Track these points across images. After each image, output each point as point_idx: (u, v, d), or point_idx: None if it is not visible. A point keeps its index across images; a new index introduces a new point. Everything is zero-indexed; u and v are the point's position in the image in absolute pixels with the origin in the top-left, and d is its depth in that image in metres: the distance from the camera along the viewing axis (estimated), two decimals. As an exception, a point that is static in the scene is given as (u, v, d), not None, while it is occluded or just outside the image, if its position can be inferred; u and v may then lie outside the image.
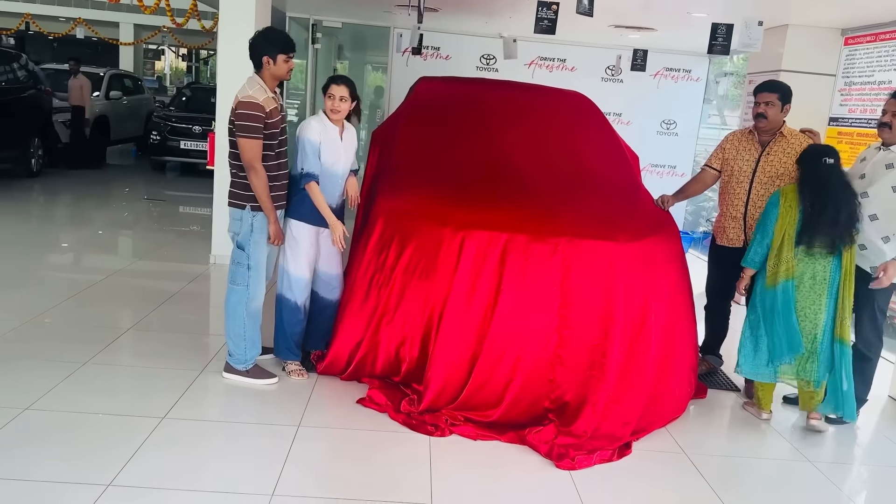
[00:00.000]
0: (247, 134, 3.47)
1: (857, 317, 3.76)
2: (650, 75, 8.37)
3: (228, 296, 3.71)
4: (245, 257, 3.64)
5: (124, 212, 8.59)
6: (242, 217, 3.60)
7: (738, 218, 4.12)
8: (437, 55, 8.79)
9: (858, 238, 3.64)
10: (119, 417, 3.25)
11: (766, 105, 3.99)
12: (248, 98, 3.48)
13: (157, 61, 22.71)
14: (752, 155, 4.08)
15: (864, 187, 3.67)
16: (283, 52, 3.56)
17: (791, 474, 3.40)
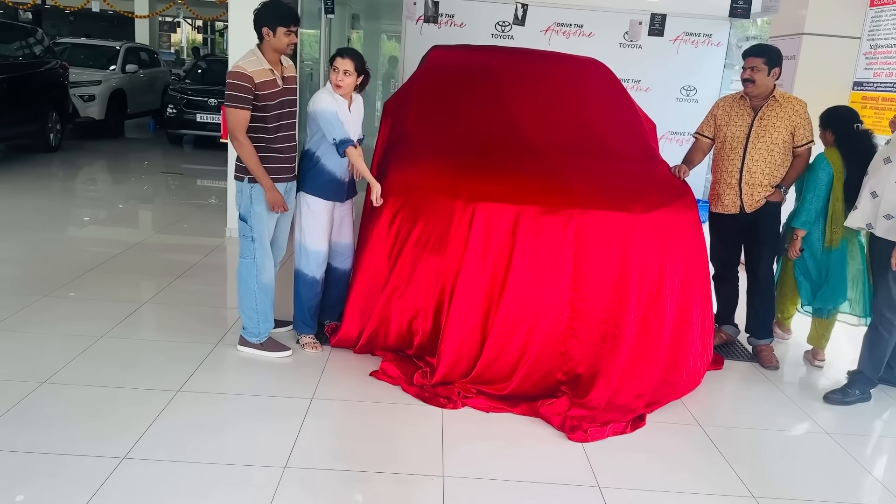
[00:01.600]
0: (232, 104, 3.45)
1: (874, 289, 3.70)
2: (669, 40, 8.17)
3: (238, 269, 3.72)
4: (248, 229, 3.64)
5: (143, 185, 8.64)
6: (242, 189, 3.60)
7: (733, 185, 4.06)
8: (452, 23, 8.64)
9: (882, 206, 3.54)
10: (135, 391, 3.29)
11: (751, 70, 3.92)
12: (237, 68, 3.45)
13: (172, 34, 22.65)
14: (745, 120, 4.02)
15: (888, 152, 3.57)
16: (282, 24, 3.50)
17: (808, 446, 3.38)
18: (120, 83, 11.65)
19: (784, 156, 3.99)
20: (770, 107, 3.96)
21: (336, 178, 3.77)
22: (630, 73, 8.21)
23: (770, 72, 3.92)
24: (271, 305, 3.78)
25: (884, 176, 3.55)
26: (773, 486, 2.96)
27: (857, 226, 3.70)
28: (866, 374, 3.74)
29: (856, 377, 3.77)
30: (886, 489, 3.01)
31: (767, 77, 3.93)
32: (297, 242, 3.84)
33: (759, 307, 4.19)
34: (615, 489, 2.82)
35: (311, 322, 3.94)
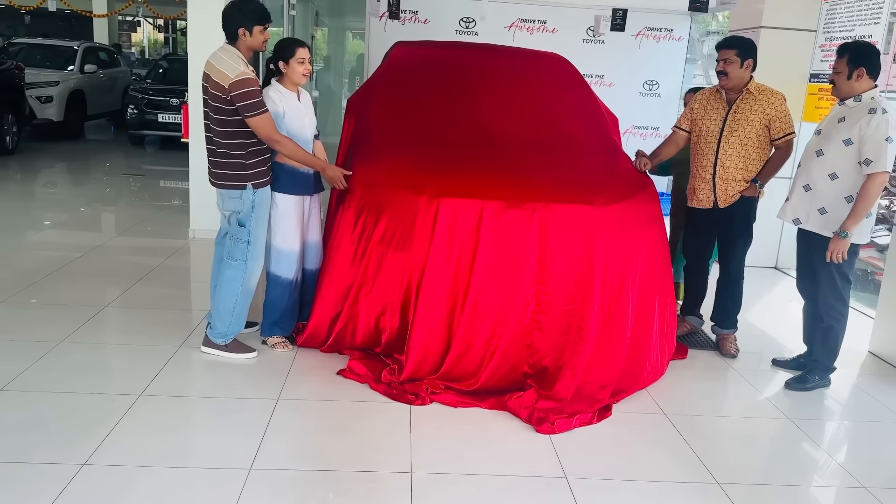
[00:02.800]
0: (257, 111, 3.38)
1: (819, 280, 3.72)
2: (631, 35, 8.24)
3: (223, 271, 3.64)
4: (246, 233, 3.58)
5: (105, 187, 8.48)
6: (243, 196, 3.52)
7: (707, 179, 4.06)
8: (416, 19, 8.60)
9: (815, 199, 3.58)
10: (95, 396, 3.22)
11: (724, 62, 3.91)
12: (242, 76, 3.35)
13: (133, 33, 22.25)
14: (720, 114, 4.01)
15: (820, 145, 3.60)
16: (259, 23, 3.45)
17: (771, 432, 3.43)
18: (78, 84, 11.42)
19: (759, 150, 3.96)
20: (744, 99, 3.94)
21: (299, 171, 3.74)
22: (594, 68, 8.25)
23: (743, 63, 3.90)
24: (247, 311, 3.74)
25: (817, 169, 3.57)
26: (737, 472, 3.00)
27: (786, 219, 3.73)
28: (823, 361, 3.81)
29: (814, 365, 3.84)
30: (847, 472, 3.08)
31: (741, 69, 3.91)
32: (269, 245, 3.78)
33: (727, 299, 4.24)
34: (582, 479, 2.83)
35: (288, 324, 3.89)
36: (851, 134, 3.45)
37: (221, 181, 3.54)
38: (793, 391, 3.78)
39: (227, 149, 3.48)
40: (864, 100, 3.50)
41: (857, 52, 3.49)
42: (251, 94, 3.36)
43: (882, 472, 3.09)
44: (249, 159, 3.50)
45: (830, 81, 3.62)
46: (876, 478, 3.02)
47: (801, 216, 3.64)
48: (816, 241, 3.64)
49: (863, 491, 2.92)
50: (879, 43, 5.13)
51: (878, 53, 3.60)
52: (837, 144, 3.50)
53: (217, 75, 3.38)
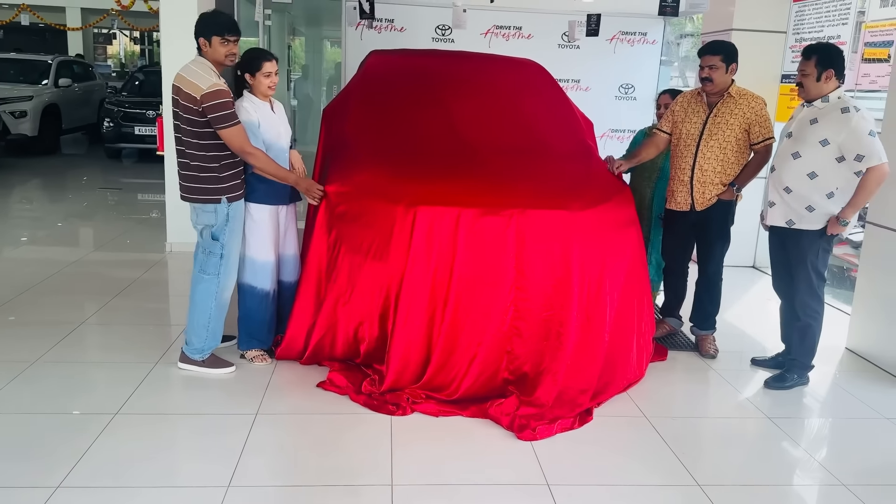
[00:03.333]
0: (229, 123, 3.35)
1: (795, 280, 3.75)
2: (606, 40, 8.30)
3: (196, 285, 3.61)
4: (219, 247, 3.54)
5: (82, 202, 8.39)
6: (217, 210, 3.48)
7: (685, 182, 4.07)
8: (392, 27, 8.62)
9: (800, 200, 3.60)
10: (70, 416, 3.18)
11: (709, 69, 3.91)
12: (215, 87, 3.32)
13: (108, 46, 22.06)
14: (700, 117, 4.02)
15: (795, 147, 3.62)
16: (217, 34, 3.40)
17: (751, 431, 3.45)
18: (53, 98, 11.31)
19: (738, 154, 3.97)
20: (725, 103, 3.95)
21: (273, 182, 3.69)
22: (570, 73, 8.30)
23: (728, 69, 3.92)
24: (222, 325, 3.70)
25: (795, 171, 3.59)
26: (718, 473, 3.01)
27: (778, 223, 3.73)
28: (801, 360, 3.84)
29: (792, 363, 3.87)
30: (826, 469, 3.10)
31: (725, 74, 3.92)
32: (243, 256, 3.75)
33: (706, 301, 4.26)
34: (564, 486, 2.83)
35: (266, 337, 3.85)
36: (828, 135, 3.48)
37: (195, 195, 3.49)
38: (772, 390, 3.81)
39: (200, 161, 3.44)
40: (832, 100, 3.54)
41: (825, 54, 3.53)
42: (223, 105, 3.33)
43: (860, 468, 3.11)
44: (223, 172, 3.47)
45: (798, 83, 3.65)
46: (854, 475, 3.04)
47: (792, 217, 3.66)
48: (794, 239, 3.66)
49: (842, 488, 2.94)
50: (847, 43, 5.21)
51: (843, 54, 3.64)
52: (814, 146, 3.53)
53: (188, 87, 3.35)
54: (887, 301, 4.17)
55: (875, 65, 5.02)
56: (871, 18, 5.07)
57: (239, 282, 3.77)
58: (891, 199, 4.13)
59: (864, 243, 4.45)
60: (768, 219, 3.79)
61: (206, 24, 3.43)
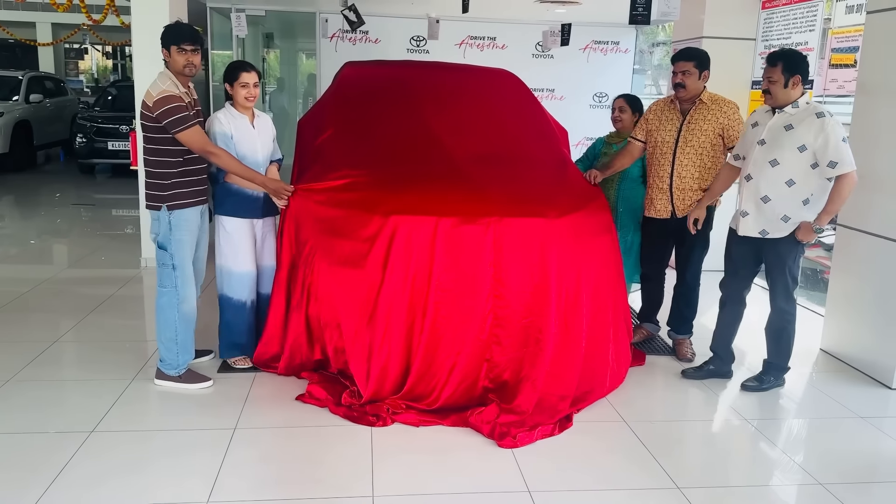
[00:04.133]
0: (182, 126, 3.37)
1: (773, 287, 3.77)
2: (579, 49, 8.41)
3: (158, 299, 3.59)
4: (168, 257, 3.52)
5: (55, 218, 8.28)
6: (159, 217, 3.50)
7: (664, 189, 4.11)
8: (367, 39, 8.66)
9: (776, 210, 3.60)
10: (44, 435, 3.12)
11: (682, 74, 3.95)
12: (163, 93, 3.36)
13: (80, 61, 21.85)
14: (674, 124, 4.07)
15: (772, 154, 3.58)
16: (174, 43, 3.43)
17: (729, 433, 3.48)
18: (24, 114, 11.18)
19: (714, 159, 4.01)
20: (698, 109, 3.99)
21: (247, 195, 3.72)
22: (544, 82, 8.39)
23: (700, 75, 3.96)
24: (192, 337, 3.67)
25: (773, 178, 3.58)
26: (697, 475, 3.03)
27: (751, 234, 3.70)
28: (777, 363, 3.88)
29: (768, 366, 3.91)
30: (804, 470, 3.13)
31: (698, 81, 3.97)
32: (220, 267, 3.75)
33: (683, 306, 4.29)
34: (545, 492, 2.83)
35: (247, 346, 3.85)
36: (806, 140, 3.48)
37: (147, 200, 3.56)
38: (749, 392, 3.84)
39: (151, 167, 3.50)
40: (802, 105, 3.57)
41: (791, 60, 3.54)
42: (174, 109, 3.36)
43: (837, 468, 3.15)
44: (167, 179, 3.49)
45: (765, 91, 3.64)
46: (831, 474, 3.08)
47: (766, 227, 3.65)
48: (771, 248, 3.67)
49: (819, 488, 2.97)
50: (815, 49, 5.31)
51: (807, 60, 3.68)
52: (792, 152, 3.52)
53: (146, 96, 3.42)
54: (859, 302, 4.24)
55: (842, 70, 5.12)
56: (837, 24, 5.19)
57: (217, 293, 3.78)
58: (861, 201, 4.21)
59: (836, 245, 4.53)
60: (741, 229, 3.73)
61: (165, 34, 3.48)
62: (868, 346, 4.17)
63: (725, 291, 3.95)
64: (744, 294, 3.91)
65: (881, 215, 4.08)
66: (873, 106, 4.17)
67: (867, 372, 4.16)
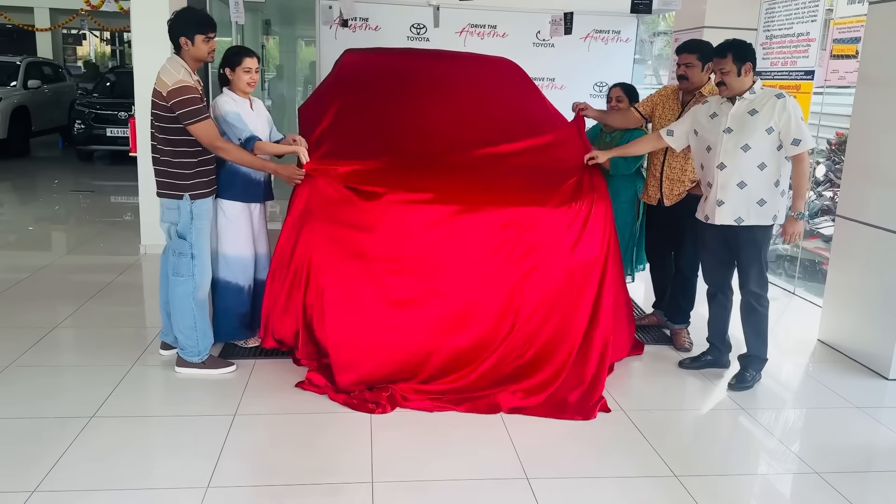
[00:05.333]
0: (197, 118, 3.35)
1: (744, 271, 3.75)
2: (580, 38, 8.35)
3: (173, 289, 3.58)
4: (188, 246, 3.51)
5: (54, 205, 8.27)
6: (180, 207, 3.47)
7: (656, 177, 4.17)
8: (367, 26, 8.60)
9: (752, 194, 3.60)
10: (44, 420, 3.13)
11: (686, 66, 3.99)
12: (180, 83, 3.32)
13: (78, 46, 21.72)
14: (674, 114, 4.10)
15: (742, 140, 3.58)
16: (200, 31, 3.41)
17: (727, 423, 3.50)
18: (22, 100, 11.13)
19: None
20: (696, 101, 4.01)
21: (252, 179, 3.76)
22: (544, 71, 8.33)
23: (703, 67, 3.98)
24: (209, 322, 3.68)
25: (746, 163, 3.59)
26: (693, 464, 3.05)
27: (726, 222, 3.68)
28: (758, 354, 3.83)
29: (748, 360, 3.84)
30: (800, 459, 3.15)
31: (701, 73, 3.99)
32: (216, 252, 3.76)
33: (679, 295, 4.31)
34: (543, 479, 2.85)
35: (244, 329, 3.90)
36: (771, 122, 3.53)
37: (162, 190, 3.51)
38: (737, 392, 3.77)
39: (169, 157, 3.45)
40: (759, 90, 3.61)
41: (739, 49, 3.58)
42: (190, 101, 3.33)
43: (833, 457, 3.17)
44: (189, 169, 3.47)
45: (719, 83, 3.64)
46: (828, 463, 3.10)
47: (741, 214, 3.65)
48: (747, 233, 3.67)
49: (815, 476, 2.99)
50: (816, 40, 5.29)
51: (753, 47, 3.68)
52: (761, 134, 3.55)
53: (159, 84, 3.37)
54: (858, 293, 4.25)
55: (843, 61, 5.11)
56: (839, 15, 5.16)
57: (214, 277, 3.77)
58: (860, 192, 4.22)
59: (835, 237, 4.53)
60: (717, 218, 3.70)
61: (187, 22, 3.42)
62: (866, 337, 4.18)
63: (709, 283, 3.96)
64: (728, 282, 3.90)
65: (881, 206, 4.08)
66: (875, 97, 4.16)
67: (864, 363, 4.18)
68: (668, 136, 3.91)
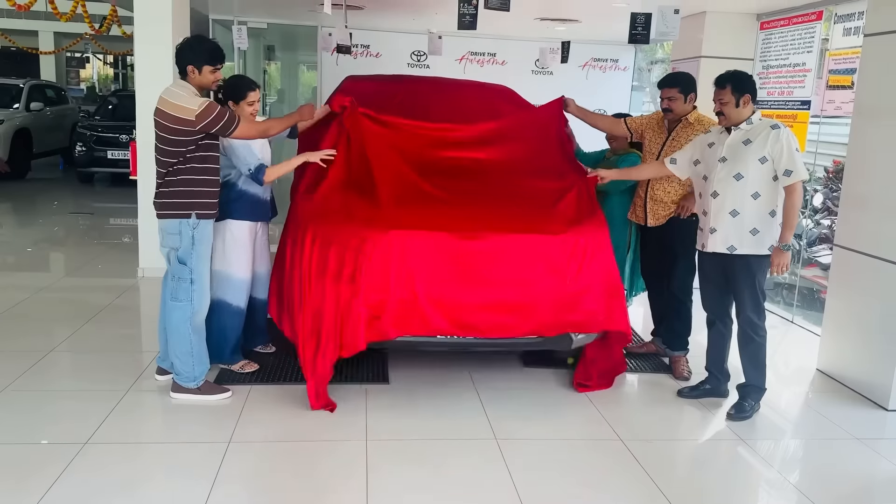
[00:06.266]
0: (234, 125, 3.43)
1: (740, 300, 3.75)
2: (579, 66, 8.47)
3: (170, 313, 3.57)
4: (188, 272, 3.51)
5: (53, 226, 8.28)
6: (182, 229, 3.47)
7: (642, 196, 4.27)
8: (368, 53, 8.71)
9: (745, 223, 3.62)
10: (37, 446, 3.11)
11: (668, 100, 4.11)
12: (204, 104, 3.38)
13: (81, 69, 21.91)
14: (661, 138, 4.22)
15: (735, 169, 3.62)
16: (209, 63, 3.48)
17: (725, 453, 3.47)
18: (24, 122, 11.19)
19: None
20: (682, 128, 4.11)
21: (261, 199, 3.85)
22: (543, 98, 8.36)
23: (686, 99, 4.10)
24: (205, 346, 3.66)
25: (739, 192, 3.61)
26: (693, 495, 3.02)
27: (718, 249, 3.69)
28: (756, 384, 3.82)
29: (747, 389, 3.82)
30: (799, 491, 3.12)
31: (685, 104, 4.11)
32: (219, 273, 3.78)
33: (674, 319, 4.32)
34: (540, 511, 2.82)
35: (235, 353, 3.93)
36: (765, 151, 3.56)
37: (168, 210, 3.49)
38: (736, 422, 3.74)
39: (180, 175, 3.45)
40: (756, 121, 3.65)
41: (738, 80, 3.63)
42: (220, 114, 3.40)
43: (832, 489, 3.14)
44: (198, 187, 3.49)
45: (718, 113, 3.70)
46: (827, 495, 3.07)
47: (734, 243, 3.66)
48: (741, 262, 3.67)
49: (814, 509, 2.97)
50: (812, 70, 5.35)
51: (753, 79, 3.75)
52: (754, 164, 3.59)
53: (176, 110, 3.37)
54: (857, 323, 4.24)
55: (839, 91, 5.16)
56: (835, 47, 5.23)
57: (214, 299, 3.77)
58: (858, 222, 4.23)
59: (833, 266, 4.54)
60: (709, 245, 3.74)
61: (196, 52, 3.47)
62: (864, 367, 4.17)
63: (708, 310, 3.97)
64: (727, 310, 3.90)
65: (878, 236, 4.10)
66: (870, 127, 4.19)
67: (863, 393, 4.16)
68: (671, 165, 3.96)
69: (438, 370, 4.12)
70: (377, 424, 3.46)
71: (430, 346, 3.67)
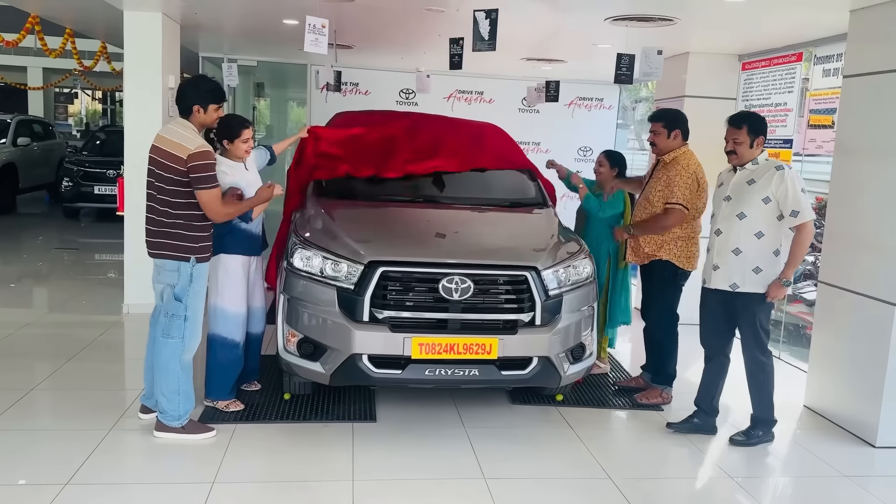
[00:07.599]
0: (210, 185, 3.39)
1: (744, 336, 3.82)
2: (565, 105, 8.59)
3: (160, 350, 3.53)
4: (182, 308, 3.48)
5: (37, 262, 8.21)
6: (180, 269, 3.45)
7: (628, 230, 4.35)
8: (357, 91, 8.80)
9: (748, 261, 3.68)
10: (15, 487, 3.04)
11: (653, 134, 4.21)
12: (203, 147, 3.39)
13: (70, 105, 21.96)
14: (648, 175, 4.33)
15: (739, 208, 3.70)
16: (214, 101, 3.53)
17: (714, 491, 3.45)
18: (10, 157, 11.15)
19: None
20: (660, 167, 4.21)
21: (253, 234, 3.87)
22: (530, 136, 8.54)
23: (670, 134, 4.16)
24: (192, 385, 3.62)
25: (742, 231, 3.69)
26: (682, 535, 3.00)
27: (721, 286, 3.76)
28: (764, 415, 3.87)
29: (756, 420, 3.89)
30: (788, 529, 3.10)
31: (668, 139, 4.17)
32: (214, 307, 3.78)
33: (653, 351, 4.41)
34: (529, 552, 2.78)
35: (233, 391, 3.90)
36: (769, 192, 3.62)
37: (164, 251, 3.46)
38: (737, 447, 3.79)
39: (176, 219, 3.44)
40: (762, 161, 3.72)
41: (755, 122, 3.74)
42: (209, 167, 3.40)
43: (822, 527, 3.12)
44: (198, 231, 3.48)
45: (730, 151, 3.77)
46: (817, 534, 3.05)
47: (736, 280, 3.71)
48: (743, 299, 3.72)
49: (805, 548, 2.95)
50: (793, 110, 5.46)
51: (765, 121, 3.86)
52: (757, 204, 3.66)
53: (174, 147, 3.38)
54: (843, 360, 4.26)
55: (820, 130, 5.26)
56: (815, 87, 5.34)
57: (210, 333, 3.77)
58: (841, 258, 4.28)
59: (818, 302, 4.57)
60: (712, 282, 3.81)
61: (203, 92, 3.51)
62: (851, 404, 4.17)
63: (705, 346, 3.99)
64: (726, 349, 3.92)
65: (861, 273, 4.14)
66: (851, 165, 4.27)
67: (851, 430, 4.15)
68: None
69: (426, 407, 4.09)
70: (364, 463, 3.42)
71: (418, 383, 3.65)
